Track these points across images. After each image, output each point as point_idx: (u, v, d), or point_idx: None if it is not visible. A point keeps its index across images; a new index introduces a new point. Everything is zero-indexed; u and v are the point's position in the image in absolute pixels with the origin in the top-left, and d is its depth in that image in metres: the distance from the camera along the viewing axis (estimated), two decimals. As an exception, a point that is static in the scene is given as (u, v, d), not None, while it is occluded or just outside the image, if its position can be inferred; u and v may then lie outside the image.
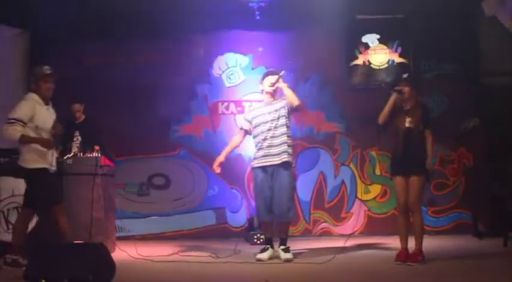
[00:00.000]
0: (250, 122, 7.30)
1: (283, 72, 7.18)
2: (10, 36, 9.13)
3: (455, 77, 9.82)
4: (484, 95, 9.52)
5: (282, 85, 7.15)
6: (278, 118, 7.09)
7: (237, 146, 7.58)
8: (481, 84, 9.61)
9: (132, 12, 9.25)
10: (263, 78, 7.32)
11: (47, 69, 6.64)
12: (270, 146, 7.06)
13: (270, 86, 7.19)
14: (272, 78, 7.19)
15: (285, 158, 7.03)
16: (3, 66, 8.66)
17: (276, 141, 7.05)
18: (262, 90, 7.36)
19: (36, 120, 6.40)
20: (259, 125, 7.20)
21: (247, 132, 7.40)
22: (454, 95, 9.74)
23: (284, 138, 7.08)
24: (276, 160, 7.02)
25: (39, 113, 6.44)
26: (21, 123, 6.32)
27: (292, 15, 9.55)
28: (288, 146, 7.11)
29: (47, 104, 6.61)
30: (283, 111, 7.13)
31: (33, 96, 6.53)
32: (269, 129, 7.09)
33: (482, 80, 9.64)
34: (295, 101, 7.09)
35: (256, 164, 7.21)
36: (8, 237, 7.27)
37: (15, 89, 9.09)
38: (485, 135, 9.31)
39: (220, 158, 7.41)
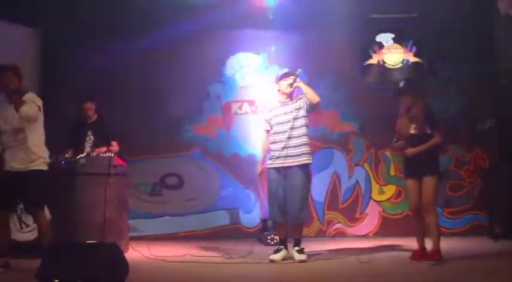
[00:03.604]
0: (269, 122, 7.28)
1: (300, 70, 7.15)
2: (21, 35, 9.15)
3: (470, 77, 9.75)
4: (500, 94, 9.46)
5: (300, 84, 7.12)
6: (296, 119, 7.05)
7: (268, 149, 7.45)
8: (497, 84, 9.55)
9: (144, 11, 9.27)
10: (279, 80, 7.27)
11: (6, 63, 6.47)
12: (285, 148, 7.00)
13: (288, 87, 7.15)
14: (289, 79, 7.15)
15: (304, 160, 6.99)
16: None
17: (294, 142, 6.99)
18: (279, 91, 7.33)
19: None
20: (275, 125, 7.18)
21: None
22: (469, 95, 9.70)
23: (304, 139, 7.04)
24: (291, 162, 6.97)
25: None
26: None
27: (306, 14, 9.54)
28: (309, 146, 7.09)
29: (10, 103, 6.35)
30: (302, 112, 7.09)
31: None
32: (285, 131, 7.04)
33: (498, 80, 9.57)
34: (315, 98, 7.04)
35: (270, 164, 7.19)
36: (21, 236, 7.33)
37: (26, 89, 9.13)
38: (502, 135, 9.26)
39: (260, 167, 7.40)
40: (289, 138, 7.00)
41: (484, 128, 9.44)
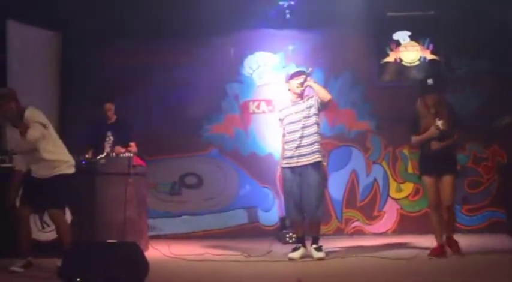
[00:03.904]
0: (282, 121, 7.28)
1: (310, 69, 7.14)
2: (43, 39, 9.22)
3: (487, 74, 9.70)
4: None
5: (311, 83, 7.11)
6: (307, 117, 7.04)
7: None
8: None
9: (163, 13, 9.29)
10: (290, 79, 7.26)
11: None
12: (298, 147, 7.00)
13: (298, 87, 7.14)
14: (300, 79, 7.14)
15: (316, 158, 6.99)
16: (37, 68, 8.77)
17: (306, 140, 6.99)
18: (289, 90, 7.32)
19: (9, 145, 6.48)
20: (287, 125, 7.17)
21: None
22: (486, 91, 9.63)
23: (315, 137, 7.03)
24: (305, 160, 6.97)
25: (12, 138, 6.43)
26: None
27: (322, 13, 9.50)
28: (319, 145, 7.08)
29: (14, 124, 6.35)
30: (313, 110, 7.08)
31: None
32: (296, 130, 7.05)
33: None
34: (326, 95, 7.04)
35: (284, 164, 7.18)
36: (42, 236, 7.37)
37: (48, 91, 9.23)
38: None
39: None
40: (302, 137, 7.00)
41: (502, 124, 9.36)
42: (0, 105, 6.28)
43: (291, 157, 7.08)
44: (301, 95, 7.21)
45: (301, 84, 7.12)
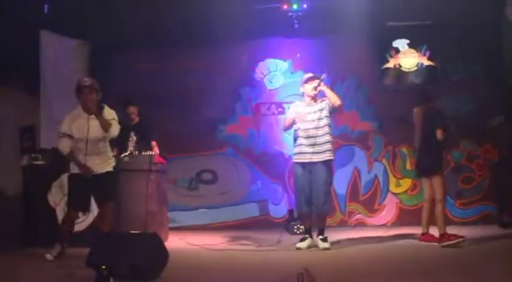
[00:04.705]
0: (291, 112, 7.30)
1: (324, 76, 7.16)
2: (72, 47, 9.25)
3: (481, 78, 9.71)
4: (509, 94, 9.37)
5: (324, 88, 7.14)
6: (320, 119, 7.06)
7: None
8: (506, 84, 9.45)
9: (181, 23, 9.33)
10: (305, 83, 7.29)
11: (83, 81, 6.40)
12: (311, 145, 7.00)
13: (312, 90, 7.17)
14: (314, 83, 7.17)
15: (327, 156, 7.02)
16: (68, 76, 8.81)
17: (319, 140, 7.00)
18: (303, 93, 7.34)
19: (73, 132, 6.30)
20: (300, 123, 7.19)
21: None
22: (479, 94, 9.62)
23: (327, 137, 7.06)
24: (316, 158, 6.99)
25: (76, 124, 6.31)
26: (67, 137, 6.30)
27: (328, 23, 9.50)
28: (331, 144, 7.11)
29: (90, 114, 6.29)
30: (325, 112, 7.10)
31: (78, 107, 6.41)
32: (309, 129, 7.08)
33: (507, 81, 9.48)
34: (337, 101, 7.06)
35: (296, 159, 7.20)
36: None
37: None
38: (510, 132, 9.18)
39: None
40: (315, 136, 7.02)
41: (494, 125, 9.36)
42: (83, 94, 6.29)
43: (303, 153, 7.09)
44: (314, 98, 7.24)
45: (315, 88, 7.15)
